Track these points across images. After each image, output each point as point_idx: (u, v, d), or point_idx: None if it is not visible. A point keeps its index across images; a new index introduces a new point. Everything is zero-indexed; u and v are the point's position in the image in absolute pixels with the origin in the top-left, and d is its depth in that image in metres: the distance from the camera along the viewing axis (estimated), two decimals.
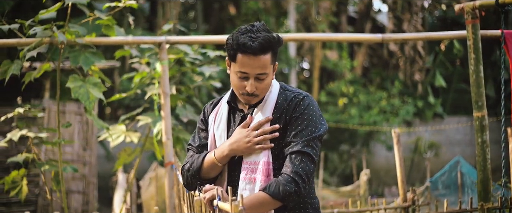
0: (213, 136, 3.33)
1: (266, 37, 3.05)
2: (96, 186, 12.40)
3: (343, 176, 19.25)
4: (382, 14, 23.78)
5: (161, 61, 5.80)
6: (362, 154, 18.50)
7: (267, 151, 3.14)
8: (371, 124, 18.50)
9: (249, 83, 3.10)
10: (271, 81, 3.18)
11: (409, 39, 6.46)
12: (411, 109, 19.55)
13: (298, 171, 3.02)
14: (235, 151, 3.15)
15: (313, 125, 3.12)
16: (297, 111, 3.14)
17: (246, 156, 3.17)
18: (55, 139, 11.11)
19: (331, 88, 19.93)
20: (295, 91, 3.23)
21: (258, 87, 3.12)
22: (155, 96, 6.08)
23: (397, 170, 6.80)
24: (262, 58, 3.07)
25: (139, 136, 6.43)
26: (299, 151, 3.06)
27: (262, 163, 3.13)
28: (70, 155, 11.71)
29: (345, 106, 19.44)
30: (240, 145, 3.14)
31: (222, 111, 3.35)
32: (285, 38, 6.24)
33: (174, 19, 19.22)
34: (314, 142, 3.09)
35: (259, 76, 3.10)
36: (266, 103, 3.21)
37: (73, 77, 5.47)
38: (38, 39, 5.44)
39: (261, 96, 3.16)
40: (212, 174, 3.23)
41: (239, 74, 3.12)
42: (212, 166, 3.20)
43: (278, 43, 3.12)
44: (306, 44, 20.64)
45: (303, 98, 3.18)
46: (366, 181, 10.36)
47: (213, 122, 3.35)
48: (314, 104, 3.19)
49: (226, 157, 3.17)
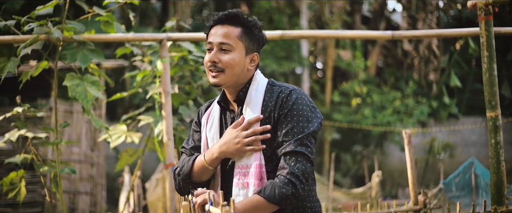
0: (205, 138, 3.16)
1: (236, 10, 3.01)
2: (105, 187, 12.25)
3: (356, 177, 19.02)
4: (397, 14, 23.52)
5: (162, 59, 5.61)
6: (376, 155, 18.29)
7: (259, 153, 2.95)
8: (385, 124, 18.27)
9: (212, 53, 3.00)
10: (241, 61, 3.01)
11: (419, 36, 6.24)
12: (426, 109, 19.30)
13: (294, 171, 2.82)
14: (225, 153, 2.97)
15: (304, 120, 2.93)
16: (285, 107, 2.94)
17: (237, 160, 2.99)
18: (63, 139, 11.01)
19: (344, 88, 19.72)
20: (281, 86, 3.04)
21: (221, 60, 2.98)
22: (156, 95, 5.90)
23: (408, 172, 6.58)
24: (228, 28, 2.98)
25: (140, 137, 6.23)
26: (292, 151, 2.86)
27: (254, 166, 2.94)
28: (78, 155, 11.56)
29: (358, 106, 19.22)
30: (230, 147, 2.97)
31: (214, 113, 3.18)
32: (295, 36, 6.03)
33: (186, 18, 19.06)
34: (308, 140, 2.89)
35: (222, 46, 2.97)
36: (253, 101, 3.01)
37: (70, 75, 5.28)
38: (34, 36, 5.26)
39: (228, 75, 2.99)
40: (204, 178, 3.05)
41: (207, 47, 3.03)
42: (203, 169, 3.03)
43: (252, 23, 3.02)
44: (319, 44, 20.44)
45: (290, 93, 2.97)
46: (378, 182, 10.13)
47: (205, 124, 3.19)
48: (303, 98, 2.98)
49: (216, 159, 2.99)
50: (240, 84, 3.05)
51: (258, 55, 3.10)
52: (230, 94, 3.11)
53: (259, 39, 3.07)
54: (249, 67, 3.04)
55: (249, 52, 3.04)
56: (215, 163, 3.01)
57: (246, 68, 3.03)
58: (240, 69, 3.01)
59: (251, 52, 3.05)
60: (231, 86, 3.04)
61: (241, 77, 3.02)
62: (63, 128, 5.63)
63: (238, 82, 3.04)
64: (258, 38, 3.07)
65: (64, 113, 11.35)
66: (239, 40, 2.99)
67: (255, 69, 3.10)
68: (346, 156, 19.04)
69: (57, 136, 5.57)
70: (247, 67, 3.03)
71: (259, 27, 3.06)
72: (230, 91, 3.09)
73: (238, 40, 2.99)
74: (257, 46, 3.08)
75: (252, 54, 3.06)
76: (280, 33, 5.62)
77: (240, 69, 3.01)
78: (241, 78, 3.03)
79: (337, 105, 19.42)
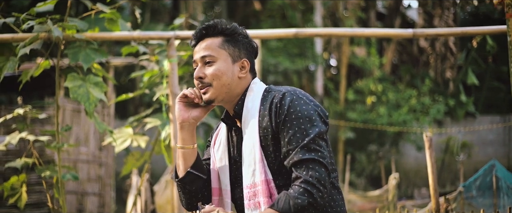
0: (214, 158, 2.93)
1: (213, 21, 2.86)
2: (114, 187, 12.02)
3: (371, 177, 18.70)
4: (412, 10, 23.20)
5: (170, 59, 5.30)
6: (391, 155, 17.99)
7: (263, 167, 2.70)
8: (401, 123, 17.95)
9: (196, 69, 2.84)
10: (227, 70, 2.80)
11: (441, 34, 5.95)
12: (442, 108, 18.97)
13: (308, 179, 2.55)
14: (180, 119, 2.91)
15: (306, 123, 2.64)
16: (281, 113, 2.67)
17: (245, 179, 2.75)
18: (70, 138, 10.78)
19: (359, 86, 19.39)
20: (276, 90, 2.77)
21: (207, 73, 2.79)
22: (163, 97, 5.59)
23: (429, 177, 6.27)
24: (208, 40, 2.82)
25: (147, 140, 5.92)
26: (300, 160, 2.60)
27: (261, 183, 2.70)
28: (86, 155, 11.32)
29: (373, 104, 18.90)
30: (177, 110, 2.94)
31: (222, 131, 2.95)
32: (310, 34, 5.72)
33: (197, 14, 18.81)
34: (315, 143, 2.61)
35: (205, 59, 2.80)
36: (250, 113, 2.76)
37: (72, 76, 4.99)
38: (33, 35, 4.97)
39: (217, 87, 2.79)
40: (189, 163, 2.89)
41: (194, 67, 2.87)
42: (182, 154, 2.91)
43: (232, 30, 2.85)
44: (333, 41, 20.16)
45: (283, 96, 2.70)
46: (395, 185, 9.80)
47: (213, 144, 2.96)
48: (300, 97, 2.70)
49: (182, 131, 2.89)
50: (235, 97, 2.82)
51: (249, 61, 2.84)
52: (229, 110, 2.87)
53: (245, 45, 2.85)
54: (240, 75, 2.80)
55: (236, 60, 2.81)
56: (186, 137, 2.87)
57: (236, 77, 2.79)
58: (229, 78, 2.78)
59: (238, 59, 2.82)
60: (226, 100, 2.81)
61: (232, 87, 2.79)
62: (65, 131, 5.32)
63: (231, 94, 2.80)
64: (244, 43, 2.85)
65: (72, 112, 11.12)
66: (221, 49, 2.80)
67: (251, 78, 2.85)
68: (360, 155, 18.72)
69: (58, 140, 5.27)
70: (238, 76, 2.80)
71: (241, 33, 2.87)
72: (227, 106, 2.86)
73: (220, 49, 2.80)
74: (244, 52, 2.85)
75: (240, 61, 2.82)
76: (294, 32, 5.31)
77: (229, 78, 2.78)
78: (233, 88, 2.80)
79: (351, 103, 19.11)
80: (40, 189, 9.85)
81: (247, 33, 2.92)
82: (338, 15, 20.30)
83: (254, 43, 2.92)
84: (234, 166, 2.87)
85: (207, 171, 2.95)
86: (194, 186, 2.89)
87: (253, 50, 2.91)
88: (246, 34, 2.91)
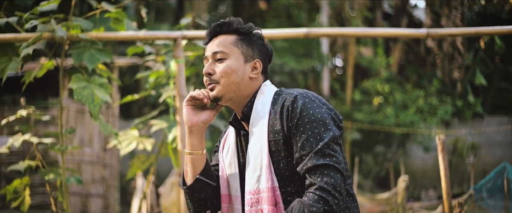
0: (222, 163, 2.80)
1: (228, 19, 2.76)
2: (118, 188, 11.89)
3: (378, 179, 18.55)
4: (419, 10, 23.06)
5: (177, 59, 5.15)
6: (399, 156, 17.83)
7: (270, 174, 2.57)
8: (408, 124, 17.78)
9: (206, 65, 2.74)
10: (238, 69, 2.69)
11: (455, 34, 5.79)
12: (450, 108, 18.80)
13: (323, 186, 2.43)
14: (189, 124, 2.78)
15: (320, 126, 2.51)
16: (293, 117, 2.54)
17: (248, 184, 2.63)
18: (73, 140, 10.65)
19: (365, 86, 19.23)
20: (287, 93, 2.65)
21: (216, 70, 2.69)
22: (170, 98, 5.44)
23: (442, 180, 6.12)
24: (221, 37, 2.72)
25: (153, 143, 5.78)
26: (314, 166, 2.47)
27: (266, 190, 2.57)
28: (90, 156, 11.19)
29: (380, 105, 18.74)
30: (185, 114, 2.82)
31: (230, 135, 2.82)
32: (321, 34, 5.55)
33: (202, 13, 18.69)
34: (329, 148, 2.49)
35: (215, 56, 2.70)
36: (259, 116, 2.63)
37: (76, 76, 4.86)
38: (37, 34, 4.83)
39: (224, 84, 2.67)
40: (197, 169, 2.76)
41: (204, 63, 2.77)
42: (190, 160, 2.78)
43: (247, 28, 2.75)
44: (339, 41, 20.02)
45: (295, 99, 2.57)
46: (404, 188, 9.64)
47: (222, 148, 2.84)
48: (313, 100, 2.57)
49: (190, 136, 2.76)
50: (245, 98, 2.70)
51: (261, 63, 2.72)
52: (237, 112, 2.75)
53: (260, 46, 2.74)
54: (251, 75, 2.69)
55: (248, 59, 2.70)
56: (195, 142, 2.75)
57: (247, 77, 2.68)
58: (238, 77, 2.66)
59: (251, 59, 2.71)
60: (234, 99, 2.69)
61: (242, 87, 2.68)
62: (69, 133, 5.17)
63: (240, 94, 2.69)
64: (259, 45, 2.74)
65: (76, 113, 10.99)
66: (234, 46, 2.69)
67: (263, 80, 2.73)
68: (367, 157, 18.56)
69: (62, 143, 5.13)
70: (249, 76, 2.68)
71: (256, 33, 2.79)
72: (235, 107, 2.74)
73: (233, 46, 2.69)
74: (258, 53, 2.74)
75: (252, 61, 2.71)
76: (305, 31, 5.15)
77: (238, 77, 2.66)
78: (242, 88, 2.68)
79: (358, 104, 18.95)
80: (43, 191, 9.75)
81: (263, 35, 2.82)
82: (345, 15, 20.16)
83: (269, 46, 2.82)
84: (243, 171, 2.74)
85: (216, 177, 2.83)
86: (203, 194, 2.77)
87: (267, 53, 2.81)
88: (262, 36, 2.80)
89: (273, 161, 2.59)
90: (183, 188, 2.81)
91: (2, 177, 9.82)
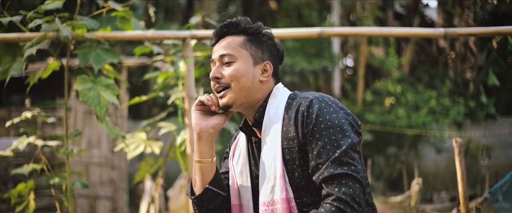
0: (233, 171, 2.63)
1: (236, 19, 2.61)
2: (127, 190, 11.76)
3: (390, 181, 18.36)
4: (430, 10, 22.87)
5: (186, 59, 4.97)
6: (410, 157, 17.66)
7: (285, 184, 2.41)
8: (420, 125, 17.60)
9: (213, 69, 2.59)
10: (247, 72, 2.53)
11: (474, 34, 5.60)
12: (462, 109, 18.61)
13: (340, 197, 2.27)
14: (197, 129, 2.63)
15: (337, 133, 2.35)
16: (309, 123, 2.37)
17: (262, 195, 2.46)
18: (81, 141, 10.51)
19: (377, 86, 19.06)
20: (302, 97, 2.48)
21: (224, 74, 2.54)
22: (178, 100, 5.27)
23: (458, 184, 5.94)
24: (229, 38, 2.58)
25: (161, 146, 5.61)
26: (331, 175, 2.30)
27: (281, 201, 2.41)
28: (98, 158, 11.05)
29: (392, 106, 18.56)
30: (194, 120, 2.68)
31: (241, 142, 2.65)
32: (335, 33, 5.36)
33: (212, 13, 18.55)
34: (347, 156, 2.32)
35: (224, 59, 2.55)
36: (272, 122, 2.46)
37: (81, 77, 4.69)
38: (41, 34, 4.67)
39: (235, 89, 2.52)
40: (207, 178, 2.61)
41: (211, 67, 2.63)
42: (199, 168, 2.62)
43: (255, 29, 2.60)
44: (351, 40, 19.87)
45: (311, 103, 2.41)
46: (418, 191, 9.43)
47: (232, 156, 2.67)
48: (329, 104, 2.41)
49: (199, 143, 2.60)
50: (256, 102, 2.54)
51: (272, 64, 2.55)
52: (248, 117, 2.59)
53: (270, 47, 2.58)
54: (261, 78, 2.53)
55: (258, 61, 2.54)
56: (204, 149, 2.59)
57: (257, 80, 2.52)
58: (249, 81, 2.51)
59: (260, 61, 2.55)
60: (245, 105, 2.53)
61: (253, 91, 2.51)
62: (75, 136, 5.01)
63: (251, 99, 2.52)
64: (269, 45, 2.58)
65: (84, 114, 10.86)
66: (243, 48, 2.54)
67: (274, 83, 2.57)
68: (378, 158, 18.37)
69: (67, 146, 4.97)
70: (259, 79, 2.52)
71: (266, 33, 2.63)
72: (246, 113, 2.58)
73: (241, 48, 2.54)
74: (268, 54, 2.58)
75: (262, 63, 2.55)
76: (318, 31, 4.97)
77: (249, 81, 2.51)
78: (253, 92, 2.52)
79: (369, 104, 18.77)
80: (51, 193, 9.63)
81: (273, 35, 2.65)
82: (356, 15, 20.00)
83: (280, 46, 2.65)
84: (256, 180, 2.58)
85: (226, 186, 2.67)
86: (212, 204, 2.61)
87: (278, 54, 2.65)
88: (271, 35, 2.64)
89: (288, 170, 2.44)
90: (191, 198, 2.65)
91: (9, 179, 9.70)
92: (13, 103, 12.59)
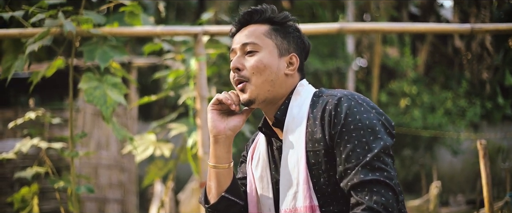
0: (252, 177, 2.37)
1: (260, 6, 2.38)
2: (137, 193, 11.54)
3: (405, 183, 18.11)
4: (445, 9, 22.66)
5: (197, 57, 4.71)
6: (426, 159, 17.42)
7: (308, 191, 2.16)
8: (436, 126, 17.37)
9: (234, 59, 2.34)
10: (272, 64, 2.29)
11: (502, 30, 5.34)
12: (479, 110, 18.36)
13: (372, 206, 2.01)
14: (215, 131, 2.38)
15: (368, 134, 2.10)
16: (337, 123, 2.13)
17: (283, 202, 2.22)
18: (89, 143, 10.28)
19: (392, 87, 18.83)
20: (328, 94, 2.24)
21: (246, 65, 2.29)
22: (190, 100, 5.01)
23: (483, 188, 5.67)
24: (252, 26, 2.34)
25: (171, 148, 5.35)
26: (362, 182, 2.06)
27: (304, 209, 2.17)
28: (107, 160, 10.82)
29: (407, 107, 18.33)
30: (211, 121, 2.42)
31: (260, 145, 2.39)
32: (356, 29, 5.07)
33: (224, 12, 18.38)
34: (379, 160, 2.07)
35: (245, 48, 2.31)
36: (295, 122, 2.22)
37: (87, 76, 4.44)
38: (43, 30, 4.41)
39: (257, 83, 2.27)
40: (224, 186, 2.36)
41: (231, 59, 2.38)
42: (215, 174, 2.37)
43: (282, 18, 2.37)
44: (365, 40, 19.66)
45: (339, 101, 2.16)
46: (436, 195, 9.17)
47: (250, 159, 2.41)
48: (359, 103, 2.16)
49: (214, 147, 2.34)
50: (279, 99, 2.29)
51: (298, 58, 2.31)
52: (269, 116, 2.34)
53: (296, 39, 2.35)
54: (287, 71, 2.29)
55: (284, 53, 2.31)
56: (220, 153, 2.34)
57: (282, 73, 2.28)
58: (273, 73, 2.26)
59: (286, 53, 2.32)
60: (268, 100, 2.28)
61: (277, 85, 2.27)
62: (81, 138, 4.75)
63: (275, 94, 2.28)
64: (295, 37, 2.35)
65: (92, 115, 10.63)
66: (268, 38, 2.30)
67: (299, 78, 2.32)
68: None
69: (72, 148, 4.71)
70: (284, 72, 2.29)
71: (293, 24, 2.40)
72: (266, 110, 2.33)
73: (266, 38, 2.31)
74: (295, 46, 2.38)
75: (288, 55, 2.31)
76: (338, 26, 4.70)
77: (273, 73, 2.26)
78: (277, 87, 2.27)
79: (384, 106, 18.53)
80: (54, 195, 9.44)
81: (299, 27, 2.40)
82: (370, 14, 19.79)
83: (306, 40, 2.41)
84: (276, 186, 2.33)
85: (244, 193, 2.41)
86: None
87: (304, 47, 2.40)
88: (298, 28, 2.39)
89: (312, 175, 2.19)
90: (205, 207, 2.39)
91: (15, 182, 9.49)
92: (20, 104, 12.39)
